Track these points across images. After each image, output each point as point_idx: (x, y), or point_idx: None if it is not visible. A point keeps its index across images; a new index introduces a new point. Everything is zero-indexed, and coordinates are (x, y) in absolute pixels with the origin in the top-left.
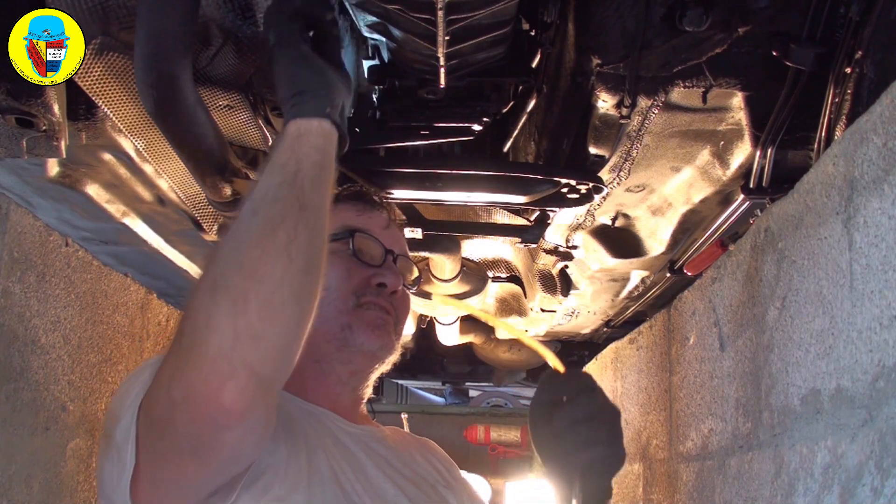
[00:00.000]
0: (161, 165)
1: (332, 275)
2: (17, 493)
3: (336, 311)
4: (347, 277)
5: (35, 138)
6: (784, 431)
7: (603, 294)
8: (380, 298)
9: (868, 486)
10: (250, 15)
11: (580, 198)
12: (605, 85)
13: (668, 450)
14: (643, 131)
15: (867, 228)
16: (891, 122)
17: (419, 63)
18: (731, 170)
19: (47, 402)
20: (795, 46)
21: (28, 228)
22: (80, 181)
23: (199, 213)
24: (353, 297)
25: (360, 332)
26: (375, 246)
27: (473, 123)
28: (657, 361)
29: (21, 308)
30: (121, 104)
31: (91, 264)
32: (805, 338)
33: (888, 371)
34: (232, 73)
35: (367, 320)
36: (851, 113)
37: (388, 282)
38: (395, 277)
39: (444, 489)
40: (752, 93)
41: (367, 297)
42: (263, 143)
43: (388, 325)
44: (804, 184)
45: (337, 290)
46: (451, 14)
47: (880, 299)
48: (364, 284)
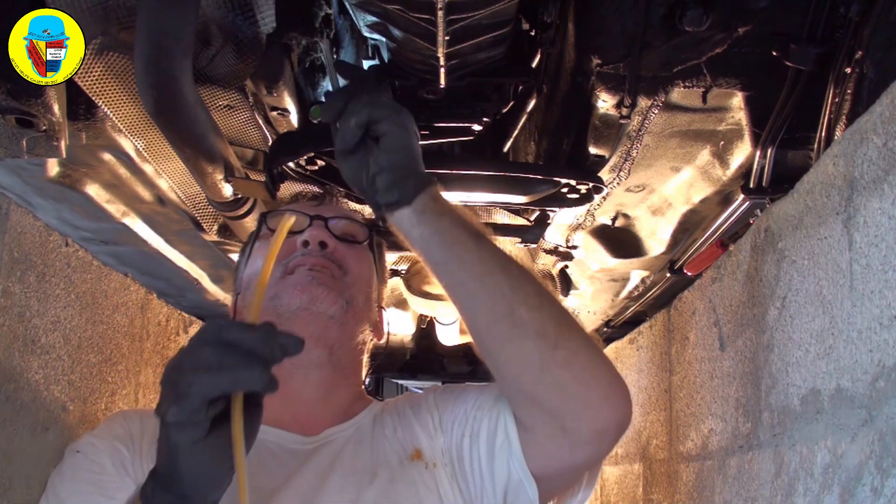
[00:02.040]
0: (161, 165)
1: (258, 257)
2: (17, 493)
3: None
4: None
5: (35, 138)
6: (784, 431)
7: (603, 294)
8: (308, 258)
9: (868, 486)
10: (250, 15)
11: (580, 198)
12: (605, 85)
13: (668, 450)
14: (643, 131)
15: (867, 228)
16: (891, 122)
17: (419, 63)
18: (731, 170)
19: (47, 402)
20: (795, 46)
21: (28, 228)
22: (80, 181)
23: (199, 213)
24: (280, 267)
25: (285, 296)
26: (298, 217)
27: (473, 123)
28: (657, 361)
29: (21, 308)
30: (121, 104)
31: (91, 264)
32: (805, 338)
33: (888, 371)
34: (232, 73)
35: (291, 283)
36: (851, 113)
37: (309, 237)
38: (318, 231)
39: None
40: (752, 93)
41: (295, 261)
42: (263, 143)
43: (319, 279)
44: (804, 184)
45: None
46: (451, 14)
47: (880, 299)
48: (290, 250)
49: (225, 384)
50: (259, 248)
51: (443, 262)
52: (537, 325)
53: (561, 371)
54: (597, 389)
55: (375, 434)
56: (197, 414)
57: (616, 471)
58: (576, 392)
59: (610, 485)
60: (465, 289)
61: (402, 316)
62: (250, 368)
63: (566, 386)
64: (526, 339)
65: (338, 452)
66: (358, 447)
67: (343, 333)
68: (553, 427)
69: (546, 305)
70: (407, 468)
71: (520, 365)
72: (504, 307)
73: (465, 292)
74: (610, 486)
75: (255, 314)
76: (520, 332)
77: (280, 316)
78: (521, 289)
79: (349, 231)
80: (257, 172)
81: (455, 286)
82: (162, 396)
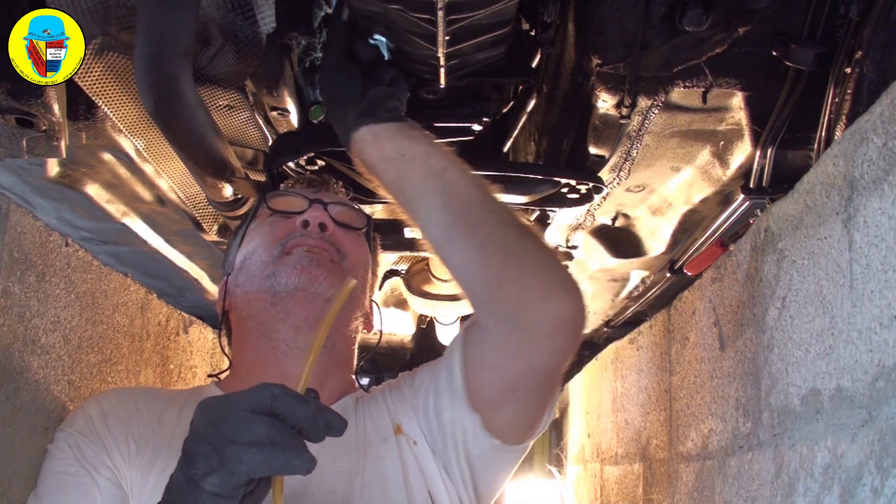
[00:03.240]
0: (161, 165)
1: (255, 237)
2: (17, 493)
3: (261, 265)
4: (270, 231)
5: (35, 138)
6: (784, 431)
7: (603, 294)
8: (306, 238)
9: (868, 486)
10: (250, 15)
11: (580, 198)
12: (605, 85)
13: (668, 450)
14: (643, 131)
15: (867, 228)
16: (891, 122)
17: (419, 63)
18: (731, 170)
19: (47, 402)
20: (795, 46)
21: (28, 228)
22: (80, 181)
23: (199, 213)
24: (277, 247)
25: (283, 274)
26: (297, 199)
27: (473, 123)
28: (657, 361)
29: (21, 308)
30: (121, 104)
31: (91, 264)
32: (805, 338)
33: (888, 371)
34: (232, 73)
35: (290, 262)
36: (851, 113)
37: (309, 218)
38: (318, 213)
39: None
40: (752, 93)
41: (293, 241)
42: (263, 143)
43: (318, 261)
44: (804, 184)
45: (261, 245)
46: (451, 14)
47: (880, 299)
48: (289, 230)
49: (275, 468)
50: (255, 228)
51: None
52: (506, 216)
53: (524, 260)
54: (554, 281)
55: (359, 413)
56: (238, 490)
57: (616, 471)
58: (536, 282)
59: (610, 485)
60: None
61: (402, 316)
62: (302, 454)
63: (526, 275)
64: (496, 226)
65: None
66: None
67: (339, 318)
68: (513, 323)
69: (509, 206)
70: (391, 445)
71: (488, 249)
72: (477, 196)
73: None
74: (610, 486)
75: (303, 384)
76: (491, 218)
77: (276, 295)
78: (487, 185)
79: (348, 217)
80: (257, 172)
81: (431, 178)
82: (198, 455)
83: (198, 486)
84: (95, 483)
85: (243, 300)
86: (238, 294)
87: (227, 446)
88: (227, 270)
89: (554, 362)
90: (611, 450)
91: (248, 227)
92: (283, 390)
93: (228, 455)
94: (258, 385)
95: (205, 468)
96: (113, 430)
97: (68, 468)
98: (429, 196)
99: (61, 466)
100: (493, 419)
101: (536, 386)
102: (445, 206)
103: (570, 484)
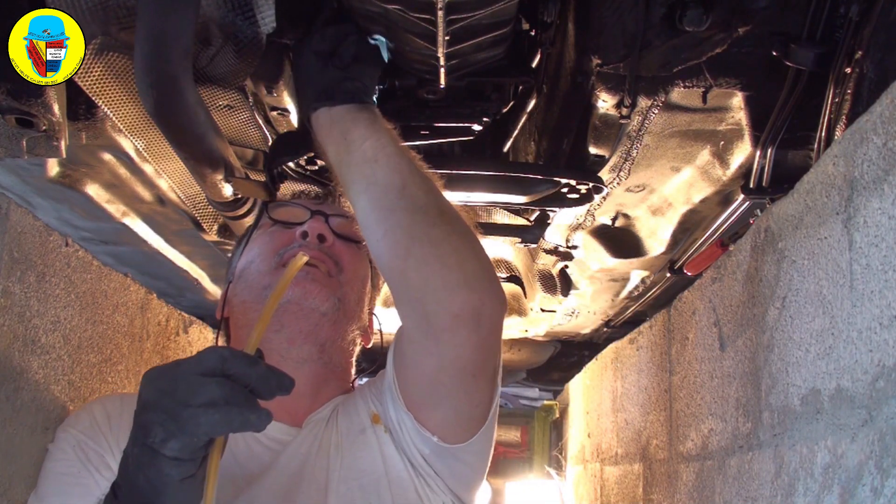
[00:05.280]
0: (161, 165)
1: (255, 246)
2: (17, 493)
3: (258, 275)
4: (270, 242)
5: (35, 138)
6: (784, 431)
7: (603, 294)
8: (305, 250)
9: (868, 486)
10: (250, 15)
11: (580, 198)
12: (605, 85)
13: (668, 450)
14: (643, 131)
15: (867, 228)
16: (891, 122)
17: (419, 63)
18: (731, 170)
19: (47, 402)
20: (795, 46)
21: (28, 228)
22: (80, 181)
23: (199, 213)
24: (275, 257)
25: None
26: (298, 210)
27: (473, 123)
28: (657, 361)
29: (21, 308)
30: (121, 104)
31: (91, 264)
32: (805, 338)
33: (888, 371)
34: (232, 73)
35: None
36: (851, 113)
37: (308, 229)
38: (318, 224)
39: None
40: (752, 93)
41: (290, 253)
42: (263, 143)
43: (313, 275)
44: (804, 184)
45: (259, 255)
46: (451, 14)
47: (880, 299)
48: (288, 241)
49: (235, 425)
50: (257, 237)
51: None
52: (423, 203)
53: (429, 248)
54: (457, 272)
55: (339, 413)
56: (199, 452)
57: (616, 471)
58: (437, 272)
59: (610, 485)
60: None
61: None
62: (258, 410)
63: (429, 263)
64: (408, 212)
65: (317, 434)
66: (331, 424)
67: (335, 331)
68: (417, 314)
69: (436, 192)
70: (369, 435)
71: (395, 235)
72: (398, 182)
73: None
74: (610, 486)
75: (253, 346)
76: (405, 205)
77: None
78: (417, 171)
79: (349, 230)
80: (257, 172)
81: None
82: (153, 423)
83: (157, 453)
84: (97, 484)
85: (240, 309)
86: (236, 303)
87: (184, 410)
88: (228, 279)
89: (463, 356)
90: (611, 450)
91: (249, 237)
92: (231, 352)
93: (186, 418)
94: (206, 349)
95: (163, 434)
96: (116, 433)
97: (70, 469)
98: (357, 181)
99: (63, 467)
100: (427, 417)
101: (457, 381)
102: (367, 191)
103: (570, 484)
